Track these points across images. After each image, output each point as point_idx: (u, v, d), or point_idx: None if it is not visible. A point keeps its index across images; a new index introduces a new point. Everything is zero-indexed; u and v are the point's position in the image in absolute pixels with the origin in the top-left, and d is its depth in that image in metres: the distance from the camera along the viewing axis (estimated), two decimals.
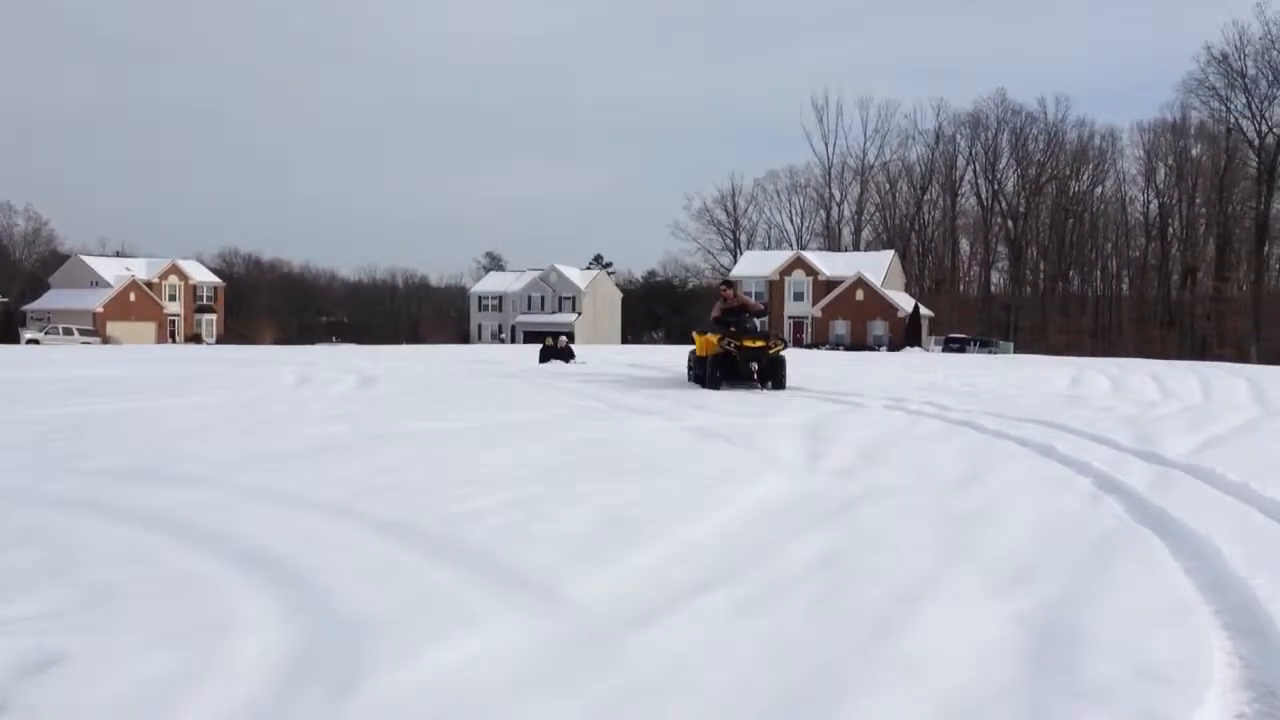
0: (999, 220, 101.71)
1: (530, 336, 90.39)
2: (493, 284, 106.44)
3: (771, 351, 15.97)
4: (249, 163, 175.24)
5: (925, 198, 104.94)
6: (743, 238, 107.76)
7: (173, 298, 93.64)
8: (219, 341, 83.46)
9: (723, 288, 17.61)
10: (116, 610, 4.28)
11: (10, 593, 4.50)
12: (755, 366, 15.64)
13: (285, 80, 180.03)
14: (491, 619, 4.18)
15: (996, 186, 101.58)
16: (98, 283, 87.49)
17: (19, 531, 5.78)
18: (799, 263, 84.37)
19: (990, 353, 61.19)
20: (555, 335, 31.80)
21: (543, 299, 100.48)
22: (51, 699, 3.37)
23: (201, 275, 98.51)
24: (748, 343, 15.80)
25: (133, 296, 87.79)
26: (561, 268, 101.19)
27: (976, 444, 9.99)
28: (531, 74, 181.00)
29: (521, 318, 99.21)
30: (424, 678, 3.55)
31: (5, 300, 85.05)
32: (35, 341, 58.05)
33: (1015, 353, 63.17)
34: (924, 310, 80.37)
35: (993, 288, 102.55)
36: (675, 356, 26.72)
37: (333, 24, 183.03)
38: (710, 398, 14.89)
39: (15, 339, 63.28)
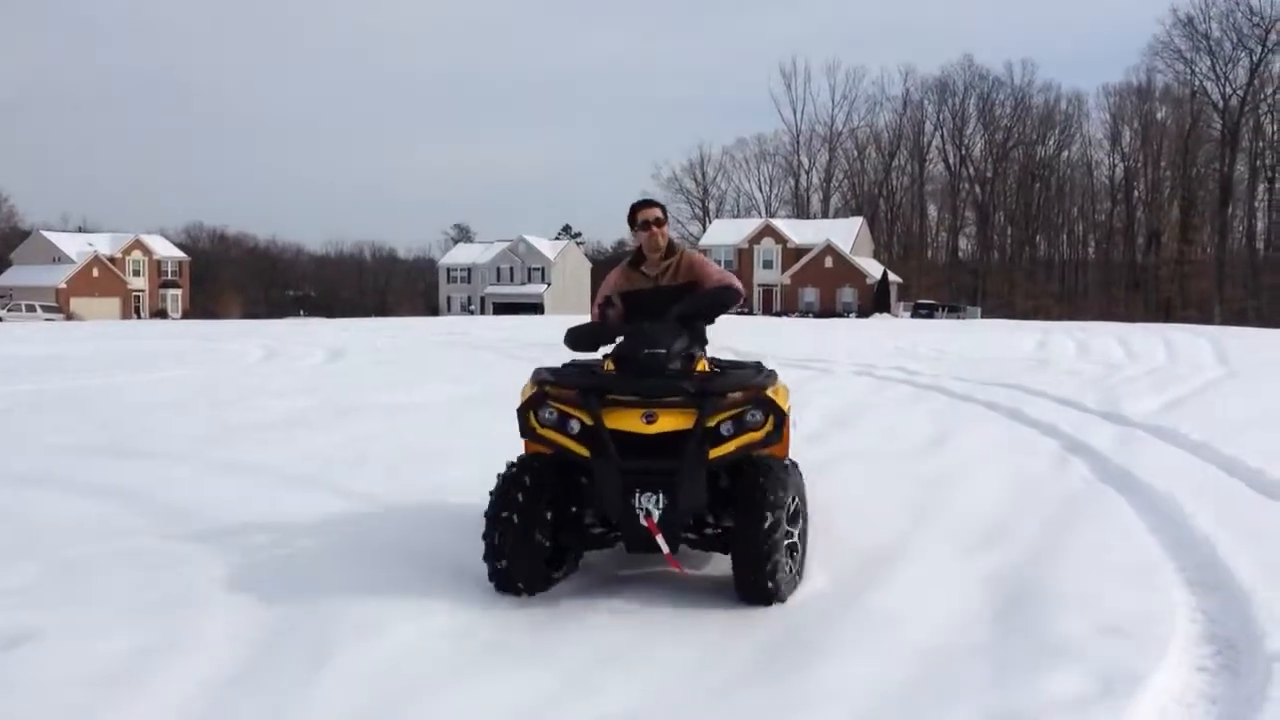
0: (966, 186, 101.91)
1: (500, 308, 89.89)
2: (461, 256, 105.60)
3: (719, 450, 4.04)
4: (214, 136, 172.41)
5: (893, 164, 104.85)
6: (711, 206, 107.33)
7: (137, 273, 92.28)
8: (185, 317, 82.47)
9: (641, 212, 4.90)
10: (86, 586, 4.26)
11: None
12: (649, 505, 3.94)
13: (250, 52, 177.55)
14: (462, 592, 4.18)
15: (964, 152, 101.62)
16: (60, 259, 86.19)
17: None
18: (768, 230, 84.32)
19: (958, 318, 61.49)
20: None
21: (512, 270, 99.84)
22: (25, 674, 3.35)
23: (166, 250, 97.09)
24: (621, 421, 4.10)
25: (96, 272, 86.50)
26: (530, 238, 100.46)
27: (945, 408, 10.07)
28: (498, 43, 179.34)
29: (491, 289, 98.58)
30: (395, 650, 3.55)
31: None
32: None
33: (983, 317, 63.55)
34: (892, 276, 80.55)
35: (960, 253, 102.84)
36: None
37: None
38: None
39: None
